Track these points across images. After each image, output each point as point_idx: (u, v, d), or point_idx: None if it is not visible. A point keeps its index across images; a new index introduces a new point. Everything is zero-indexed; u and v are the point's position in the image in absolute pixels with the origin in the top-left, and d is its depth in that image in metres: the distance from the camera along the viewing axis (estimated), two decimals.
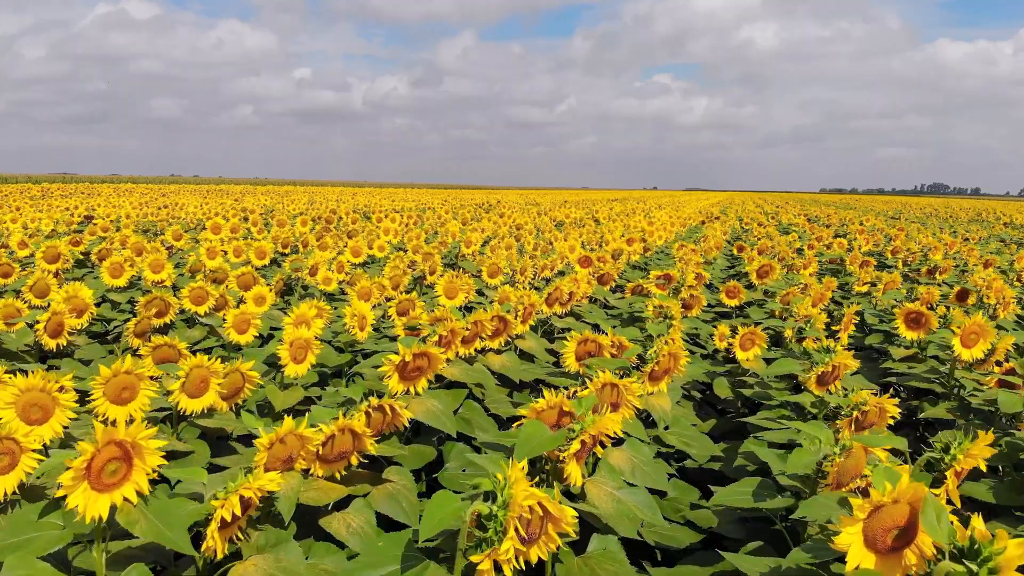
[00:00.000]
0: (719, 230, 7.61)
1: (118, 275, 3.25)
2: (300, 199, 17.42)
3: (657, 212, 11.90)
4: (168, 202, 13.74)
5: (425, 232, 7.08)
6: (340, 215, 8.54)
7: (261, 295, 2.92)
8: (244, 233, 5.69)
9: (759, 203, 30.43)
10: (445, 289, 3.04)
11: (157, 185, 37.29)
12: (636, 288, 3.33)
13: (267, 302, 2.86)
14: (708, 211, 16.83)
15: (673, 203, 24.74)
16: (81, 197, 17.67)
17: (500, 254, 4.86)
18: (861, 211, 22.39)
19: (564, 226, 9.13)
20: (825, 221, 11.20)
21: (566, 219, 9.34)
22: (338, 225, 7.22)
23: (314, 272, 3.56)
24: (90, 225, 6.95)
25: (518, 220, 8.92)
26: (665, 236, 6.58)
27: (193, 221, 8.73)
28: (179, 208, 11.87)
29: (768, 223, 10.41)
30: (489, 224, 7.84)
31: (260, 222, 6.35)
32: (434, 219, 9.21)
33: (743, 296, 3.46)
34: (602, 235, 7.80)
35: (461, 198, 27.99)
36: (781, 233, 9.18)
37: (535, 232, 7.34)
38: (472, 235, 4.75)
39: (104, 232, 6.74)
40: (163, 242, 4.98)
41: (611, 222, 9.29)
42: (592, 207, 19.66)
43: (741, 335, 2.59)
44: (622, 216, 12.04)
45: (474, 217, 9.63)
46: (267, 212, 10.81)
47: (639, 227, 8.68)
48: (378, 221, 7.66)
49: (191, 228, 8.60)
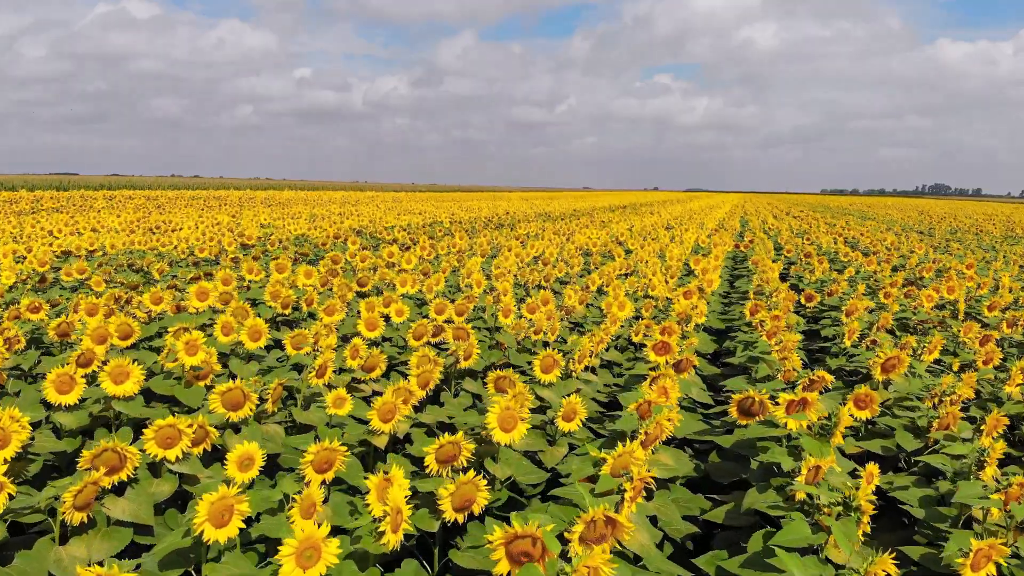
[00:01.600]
0: (767, 261, 6.83)
1: (66, 390, 2.48)
2: (300, 213, 16.66)
3: (687, 233, 11.13)
4: (162, 219, 12.97)
5: (442, 271, 6.31)
6: (348, 250, 7.77)
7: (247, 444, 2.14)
8: (236, 285, 4.91)
9: (772, 209, 29.64)
10: (500, 420, 2.27)
11: (156, 191, 36.52)
12: (745, 403, 2.56)
13: (256, 459, 2.08)
14: (729, 224, 16.06)
15: (686, 212, 23.96)
16: (74, 210, 16.92)
17: (540, 317, 4.09)
18: (883, 222, 21.63)
19: (592, 256, 8.36)
20: (867, 245, 10.42)
21: (592, 247, 8.56)
22: (346, 264, 6.45)
23: (322, 372, 2.79)
24: (65, 265, 6.18)
25: (539, 246, 8.15)
26: (716, 280, 5.81)
27: (184, 249, 7.96)
28: (170, 229, 11.10)
29: (806, 246, 9.63)
30: (511, 256, 7.07)
31: (257, 267, 5.57)
32: (448, 247, 8.43)
33: (875, 409, 2.69)
34: (641, 272, 7.04)
35: (467, 205, 27.22)
36: (831, 264, 8.41)
37: (563, 267, 6.57)
38: (507, 299, 3.97)
39: (80, 275, 5.98)
40: (140, 305, 4.21)
41: (642, 249, 8.52)
42: (604, 217, 18.85)
43: None
44: (648, 237, 11.27)
45: (492, 247, 8.86)
46: (265, 237, 10.03)
47: (674, 255, 7.91)
48: (388, 256, 6.89)
49: (182, 259, 7.84)
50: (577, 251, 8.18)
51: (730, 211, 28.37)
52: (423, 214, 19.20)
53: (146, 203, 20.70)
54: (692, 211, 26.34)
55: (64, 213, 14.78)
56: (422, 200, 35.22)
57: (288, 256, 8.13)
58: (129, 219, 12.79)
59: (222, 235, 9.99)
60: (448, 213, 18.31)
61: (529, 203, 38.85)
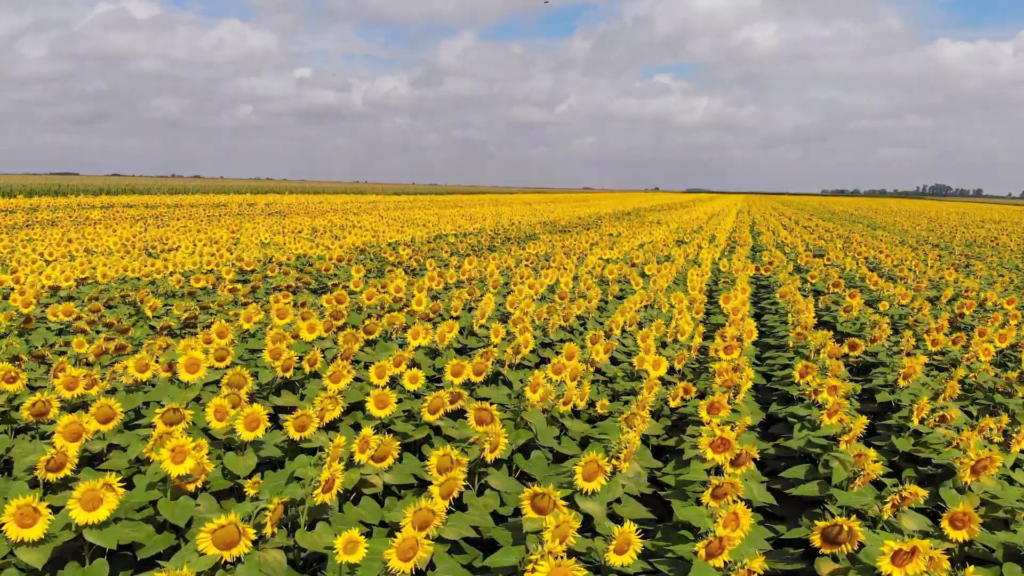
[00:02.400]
0: (799, 298, 6.42)
1: (29, 523, 2.09)
2: (301, 225, 16.26)
3: (702, 252, 10.71)
4: (159, 235, 12.57)
5: (453, 310, 5.92)
6: (352, 278, 7.39)
7: None
8: (232, 337, 4.52)
9: (780, 217, 29.22)
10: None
11: (156, 198, 36.09)
12: (832, 531, 2.16)
13: None
14: (741, 237, 15.66)
15: (693, 220, 23.56)
16: (69, 223, 16.52)
17: (570, 388, 3.69)
18: (895, 232, 21.23)
19: (609, 284, 7.96)
20: (891, 268, 10.00)
21: (608, 274, 8.16)
22: (351, 301, 6.05)
23: (329, 487, 2.39)
24: (52, 304, 5.78)
25: (552, 274, 7.75)
26: (752, 325, 5.40)
27: (179, 279, 7.56)
28: (167, 249, 10.71)
29: (829, 271, 9.22)
30: (525, 290, 6.67)
31: (255, 310, 5.18)
32: (457, 274, 8.03)
33: (974, 530, 2.29)
34: (663, 306, 6.64)
35: (470, 212, 26.83)
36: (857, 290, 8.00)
37: (582, 303, 6.17)
38: (538, 379, 3.57)
39: (67, 316, 5.59)
40: (126, 371, 3.80)
41: (659, 275, 8.11)
42: (611, 228, 18.46)
43: None
44: (661, 256, 10.86)
45: (503, 273, 8.45)
46: (265, 260, 9.63)
47: (696, 285, 7.51)
48: (396, 291, 6.49)
49: (177, 289, 7.44)
50: (592, 278, 7.77)
51: (736, 218, 27.96)
52: (426, 225, 18.81)
53: (144, 213, 20.29)
54: (698, 219, 25.94)
55: (59, 227, 14.39)
56: (423, 205, 34.82)
57: (289, 286, 7.75)
58: (125, 235, 12.41)
59: (220, 257, 9.60)
60: (452, 225, 17.91)
61: (531, 208, 38.44)
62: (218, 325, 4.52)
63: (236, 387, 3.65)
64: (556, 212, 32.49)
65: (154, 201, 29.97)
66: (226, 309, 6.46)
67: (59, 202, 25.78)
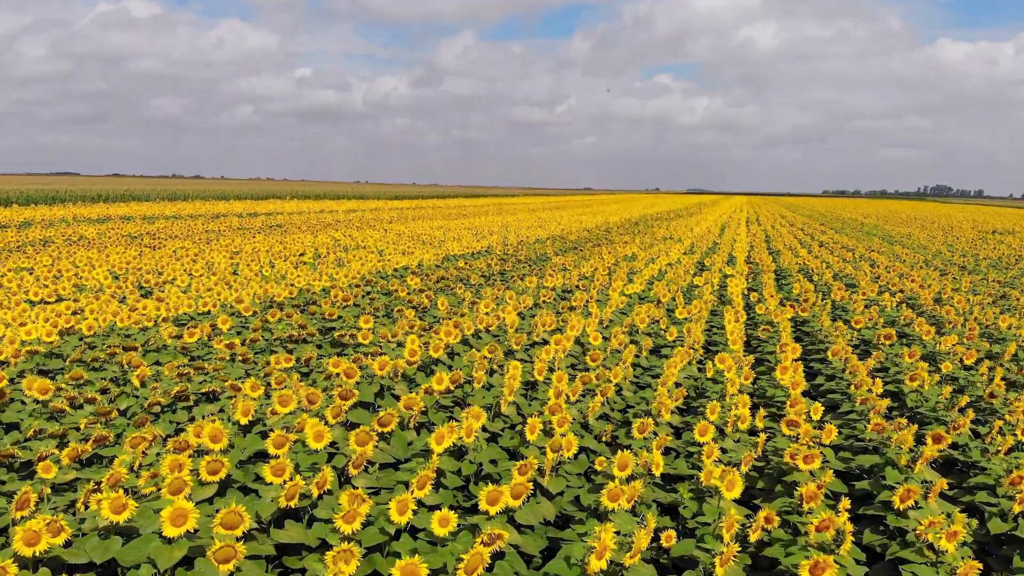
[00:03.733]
0: (859, 368, 5.78)
1: None
2: (304, 245, 15.61)
3: (731, 282, 10.06)
4: (153, 262, 11.93)
5: (476, 381, 5.27)
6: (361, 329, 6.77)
7: None
8: (227, 441, 3.88)
9: (794, 229, 28.55)
10: None
11: (156, 206, 35.46)
12: None
13: None
14: (761, 259, 15.01)
15: (705, 233, 22.90)
16: (61, 242, 15.88)
17: (637, 538, 3.05)
18: (915, 249, 20.59)
19: (638, 334, 7.32)
20: (931, 307, 9.35)
21: (639, 321, 7.51)
22: (363, 369, 5.41)
23: None
24: (27, 378, 5.13)
25: (577, 324, 7.09)
26: (818, 409, 4.76)
27: (171, 331, 6.92)
28: (162, 281, 10.06)
29: (875, 316, 8.57)
30: (553, 348, 6.02)
31: (255, 384, 4.55)
32: (475, 322, 7.38)
33: None
34: (709, 374, 5.99)
35: (476, 225, 26.19)
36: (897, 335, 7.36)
37: (619, 372, 5.52)
38: (607, 547, 2.91)
39: (43, 395, 4.94)
40: (99, 512, 3.16)
41: (694, 322, 7.47)
42: (624, 249, 17.83)
43: None
44: (685, 287, 10.20)
45: (525, 320, 7.81)
46: (265, 302, 8.99)
47: (735, 336, 6.86)
48: (411, 357, 5.84)
49: (168, 344, 6.80)
50: (622, 329, 7.13)
51: (748, 230, 27.31)
52: (432, 242, 18.17)
53: (141, 228, 19.63)
54: (710, 231, 25.29)
55: (52, 247, 13.74)
56: (427, 214, 34.17)
57: (291, 336, 7.10)
58: (117, 262, 11.77)
59: (217, 295, 8.96)
60: (459, 243, 17.26)
61: (536, 216, 37.79)
62: (210, 427, 3.87)
63: (231, 527, 3.02)
64: (562, 221, 31.86)
65: (152, 211, 29.31)
66: (221, 375, 5.82)
67: (55, 214, 25.11)
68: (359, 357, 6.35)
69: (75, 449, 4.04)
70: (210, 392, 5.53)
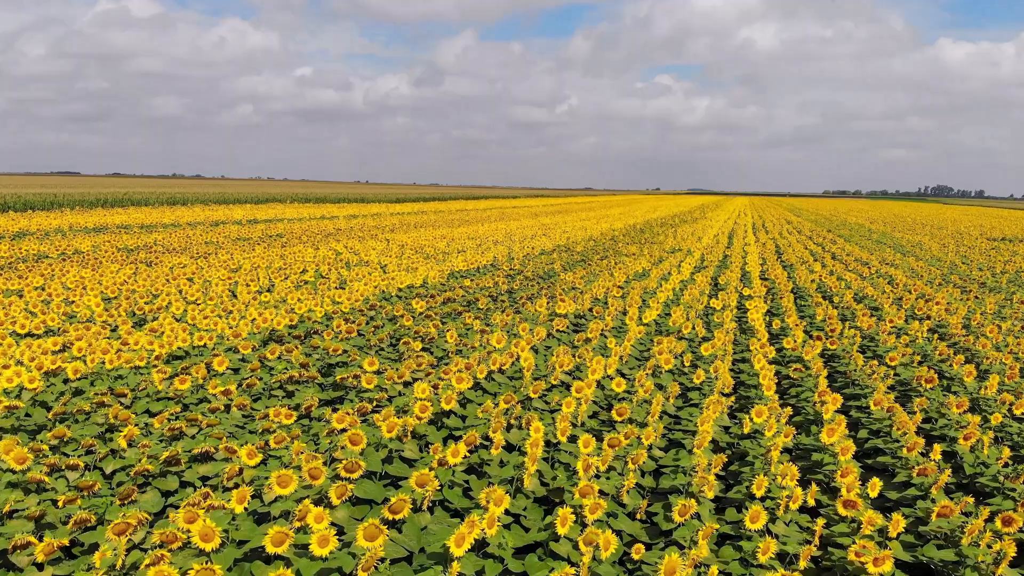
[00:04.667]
0: (907, 425, 5.31)
1: None
2: (305, 262, 15.14)
3: (750, 304, 9.59)
4: (148, 285, 11.47)
5: (495, 454, 4.81)
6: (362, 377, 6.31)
7: None
8: (220, 540, 3.43)
9: (801, 238, 28.06)
10: None
11: (155, 213, 35.00)
12: None
13: None
14: (776, 274, 14.54)
15: (714, 243, 22.42)
16: (54, 259, 15.42)
17: None
18: (928, 261, 20.12)
19: (661, 375, 6.85)
20: (962, 338, 8.88)
21: (664, 362, 7.04)
22: (371, 448, 4.96)
23: None
24: (6, 440, 4.66)
25: (598, 366, 6.61)
26: (877, 486, 4.30)
27: (163, 373, 6.45)
28: (156, 309, 9.60)
29: (906, 352, 8.11)
30: (573, 405, 5.56)
31: (252, 451, 4.11)
32: (492, 371, 6.92)
33: None
34: (746, 428, 5.53)
35: (479, 233, 25.74)
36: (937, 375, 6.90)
37: (651, 433, 5.06)
38: None
39: (20, 464, 4.47)
40: None
41: (721, 360, 7.00)
42: (632, 265, 17.36)
43: None
44: (701, 313, 9.72)
45: (541, 371, 7.34)
46: (265, 337, 8.52)
47: (767, 380, 6.40)
48: (418, 416, 5.38)
49: (159, 392, 6.34)
50: (645, 372, 6.67)
51: (755, 238, 26.85)
52: (435, 255, 17.72)
53: (138, 240, 19.15)
54: (718, 241, 24.83)
55: (42, 271, 13.28)
56: (430, 221, 33.72)
57: (292, 378, 6.64)
58: (110, 284, 11.31)
59: (214, 324, 8.51)
60: (463, 258, 16.80)
61: (539, 221, 37.33)
62: (201, 526, 3.41)
63: None
64: (567, 228, 31.41)
65: (151, 219, 28.84)
66: (216, 431, 5.35)
67: (51, 223, 24.63)
68: (364, 407, 5.91)
69: (50, 545, 3.58)
70: (203, 452, 5.08)
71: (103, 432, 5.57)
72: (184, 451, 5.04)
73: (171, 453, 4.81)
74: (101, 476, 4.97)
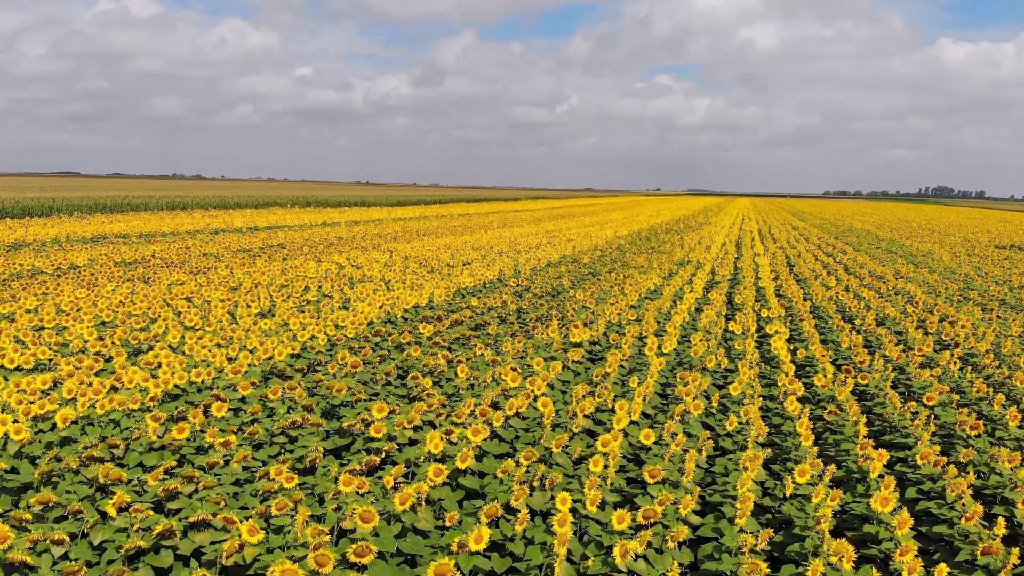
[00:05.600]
0: (961, 489, 4.90)
1: None
2: (308, 277, 14.73)
3: (774, 340, 9.17)
4: (143, 308, 11.06)
5: None
6: (376, 443, 5.90)
7: None
8: None
9: (804, 240, 27.63)
10: None
11: (155, 219, 34.63)
12: None
13: None
14: (792, 293, 14.12)
15: (723, 255, 22.00)
16: (49, 278, 15.03)
17: None
18: (944, 274, 19.71)
19: (690, 421, 6.43)
20: (1009, 380, 8.46)
21: (693, 407, 6.63)
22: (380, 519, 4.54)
23: None
24: None
25: (623, 416, 6.21)
26: None
27: (157, 423, 6.04)
28: (152, 338, 9.19)
29: (944, 392, 7.69)
30: (602, 462, 5.14)
31: (252, 535, 3.71)
32: (508, 416, 6.50)
33: None
34: (788, 490, 5.12)
35: (482, 243, 25.33)
36: None
37: (689, 500, 4.64)
38: None
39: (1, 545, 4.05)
40: None
41: (746, 402, 6.59)
42: (643, 280, 16.97)
43: None
44: (722, 339, 9.28)
45: (557, 416, 6.92)
46: (266, 373, 8.11)
47: (807, 432, 5.98)
48: (433, 470, 4.96)
49: (156, 441, 5.92)
50: (674, 419, 6.26)
51: (764, 247, 26.45)
52: (439, 269, 17.32)
53: (135, 253, 18.74)
54: (727, 250, 24.43)
55: (35, 291, 12.88)
56: (432, 228, 33.33)
57: (294, 423, 6.23)
58: (105, 307, 10.91)
59: (212, 355, 8.10)
60: (469, 272, 16.40)
61: (542, 228, 36.96)
62: None
63: None
64: (571, 235, 31.03)
65: (150, 227, 28.42)
66: (213, 495, 4.95)
67: (47, 232, 24.20)
68: (372, 461, 5.52)
69: None
70: (200, 520, 4.67)
71: (93, 494, 5.17)
72: (179, 520, 4.63)
73: (165, 527, 4.39)
74: (89, 547, 4.57)
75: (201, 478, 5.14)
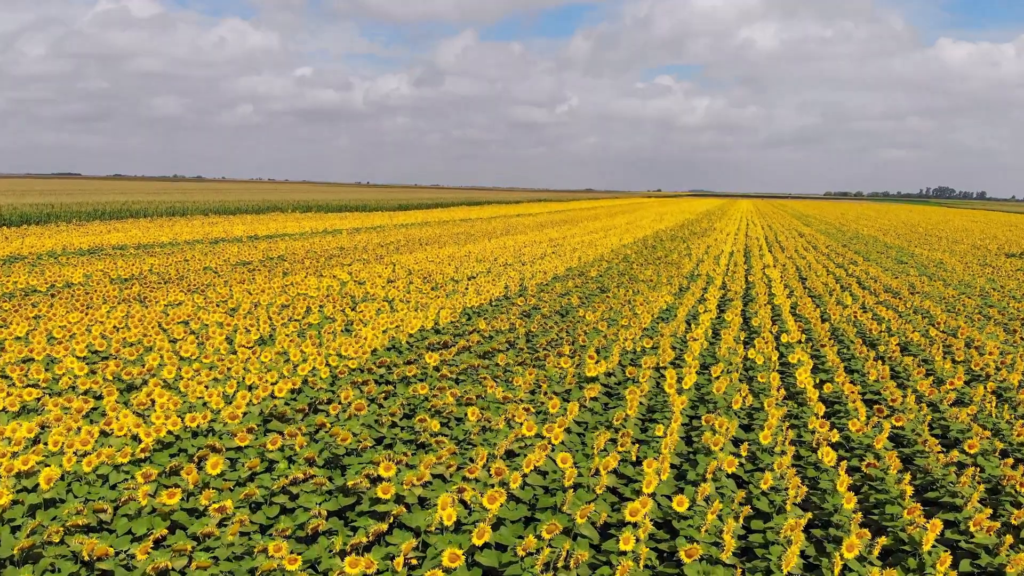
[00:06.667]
0: None
1: None
2: (310, 297, 14.29)
3: (798, 366, 8.72)
4: (140, 333, 10.63)
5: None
6: (383, 505, 5.47)
7: None
8: None
9: (811, 249, 27.17)
10: None
11: (154, 227, 34.20)
12: None
13: None
14: (807, 313, 13.68)
15: (731, 266, 21.55)
16: (42, 298, 14.59)
17: None
18: (958, 286, 19.26)
19: (721, 474, 5.99)
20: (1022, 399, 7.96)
21: (724, 464, 6.19)
22: None
23: None
24: None
25: (652, 477, 5.77)
26: None
27: (147, 491, 5.60)
28: (148, 373, 8.75)
29: (984, 434, 7.25)
30: (632, 536, 4.70)
31: None
32: (526, 473, 6.06)
33: None
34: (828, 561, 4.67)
35: (486, 253, 24.90)
36: None
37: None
38: None
39: None
40: None
41: (777, 448, 6.15)
42: (648, 293, 16.53)
43: None
44: (743, 371, 8.84)
45: (577, 473, 6.48)
46: (263, 419, 7.68)
47: (848, 494, 5.55)
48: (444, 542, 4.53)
49: (146, 507, 5.48)
50: (705, 478, 5.81)
51: (773, 257, 26.02)
52: (443, 284, 16.88)
53: (132, 267, 18.31)
54: (734, 260, 23.98)
55: (27, 313, 12.45)
56: (435, 236, 32.88)
57: (295, 479, 5.79)
58: (98, 334, 10.48)
59: (210, 397, 7.68)
60: (475, 289, 15.96)
61: (544, 234, 36.52)
62: None
63: None
64: (575, 243, 30.62)
65: (148, 236, 27.97)
66: (204, 575, 4.52)
67: (45, 244, 23.77)
68: (379, 529, 5.10)
69: None
70: None
71: (78, 571, 4.74)
72: None
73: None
74: None
75: (195, 556, 4.71)
